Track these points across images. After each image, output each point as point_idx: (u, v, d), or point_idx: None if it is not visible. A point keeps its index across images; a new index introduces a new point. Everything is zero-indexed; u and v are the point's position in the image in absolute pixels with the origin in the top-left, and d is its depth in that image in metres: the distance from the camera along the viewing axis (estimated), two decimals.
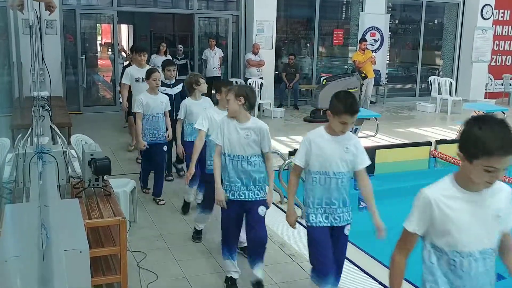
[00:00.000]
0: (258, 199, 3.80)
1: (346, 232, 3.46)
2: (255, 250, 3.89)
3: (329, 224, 3.36)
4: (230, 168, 3.76)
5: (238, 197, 3.78)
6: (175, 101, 6.19)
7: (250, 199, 3.79)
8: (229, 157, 3.75)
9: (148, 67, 7.04)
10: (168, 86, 6.51)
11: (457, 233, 2.09)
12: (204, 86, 5.41)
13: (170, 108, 5.99)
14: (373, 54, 12.47)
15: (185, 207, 5.59)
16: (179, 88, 6.58)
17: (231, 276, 4.01)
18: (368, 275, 4.26)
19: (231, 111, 3.77)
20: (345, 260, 4.50)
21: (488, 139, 1.88)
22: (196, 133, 4.65)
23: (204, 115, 4.46)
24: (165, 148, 5.92)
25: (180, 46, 13.46)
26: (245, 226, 4.02)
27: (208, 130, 4.37)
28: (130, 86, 7.31)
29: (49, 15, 3.06)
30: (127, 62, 10.05)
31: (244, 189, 3.77)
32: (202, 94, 5.48)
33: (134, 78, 7.14)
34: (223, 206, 3.83)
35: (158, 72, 5.94)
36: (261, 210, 3.84)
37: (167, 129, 5.93)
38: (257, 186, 3.79)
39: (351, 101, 3.25)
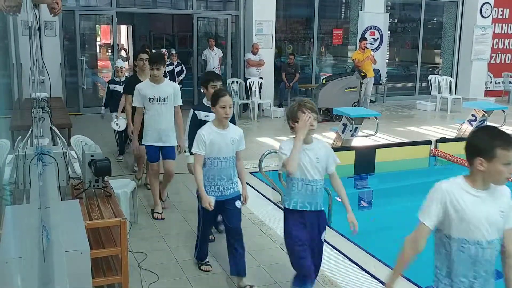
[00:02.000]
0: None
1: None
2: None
3: None
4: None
5: None
6: None
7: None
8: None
9: (166, 81, 5.42)
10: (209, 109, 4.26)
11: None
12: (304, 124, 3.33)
13: (244, 147, 4.11)
14: (372, 52, 12.38)
15: None
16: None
17: None
18: (368, 273, 4.26)
19: None
20: (347, 259, 4.52)
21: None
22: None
23: None
24: (238, 204, 4.01)
25: (164, 50, 11.39)
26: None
27: None
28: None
29: (53, 16, 3.04)
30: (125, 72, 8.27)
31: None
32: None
33: (148, 98, 5.24)
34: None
35: (228, 94, 3.93)
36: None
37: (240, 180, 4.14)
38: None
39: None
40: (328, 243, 4.85)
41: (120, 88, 7.35)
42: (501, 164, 2.31)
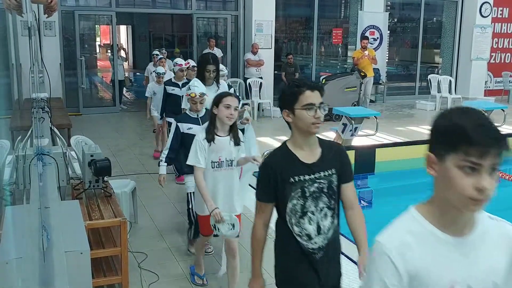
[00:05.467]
0: None
1: None
2: None
3: None
4: None
5: None
6: None
7: None
8: None
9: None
10: None
11: None
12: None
13: None
14: (366, 52, 12.10)
15: None
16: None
17: None
18: None
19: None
20: (347, 259, 4.50)
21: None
22: None
23: None
24: None
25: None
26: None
27: None
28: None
29: (47, 17, 3.04)
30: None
31: None
32: None
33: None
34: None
35: None
36: None
37: None
38: None
39: None
40: None
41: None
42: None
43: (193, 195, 4.17)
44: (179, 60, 7.26)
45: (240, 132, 3.71)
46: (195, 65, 7.84)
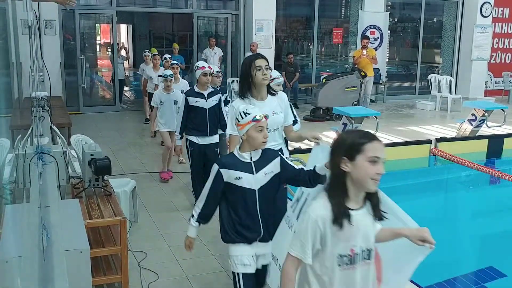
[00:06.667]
0: None
1: None
2: None
3: None
4: None
5: None
6: None
7: None
8: None
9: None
10: None
11: None
12: None
13: None
14: (364, 51, 12.09)
15: None
16: None
17: None
18: None
19: None
20: None
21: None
22: None
23: None
24: None
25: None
26: None
27: None
28: None
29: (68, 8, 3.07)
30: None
31: None
32: None
33: None
34: None
35: None
36: None
37: None
38: None
39: None
40: None
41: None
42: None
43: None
44: (201, 63, 5.55)
45: (381, 194, 2.27)
46: (219, 70, 7.31)
